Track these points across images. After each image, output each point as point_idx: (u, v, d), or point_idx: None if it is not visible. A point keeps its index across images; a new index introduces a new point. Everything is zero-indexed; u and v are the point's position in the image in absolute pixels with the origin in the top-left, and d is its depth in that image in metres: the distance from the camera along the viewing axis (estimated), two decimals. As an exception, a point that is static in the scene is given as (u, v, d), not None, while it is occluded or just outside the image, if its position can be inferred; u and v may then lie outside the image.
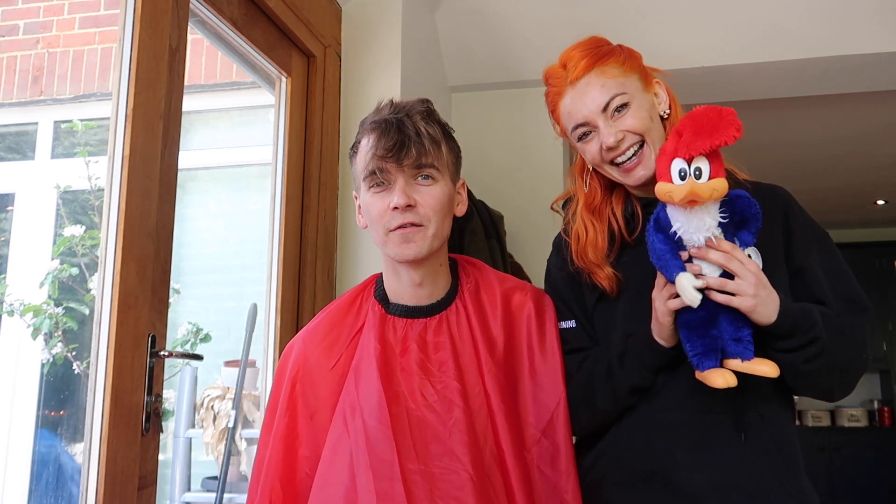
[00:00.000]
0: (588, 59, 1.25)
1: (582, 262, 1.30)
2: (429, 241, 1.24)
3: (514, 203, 2.71)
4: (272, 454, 1.26)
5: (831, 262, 1.28)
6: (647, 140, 1.24)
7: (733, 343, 1.13)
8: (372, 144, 1.24)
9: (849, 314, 1.24)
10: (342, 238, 2.27)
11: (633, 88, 1.25)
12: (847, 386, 1.25)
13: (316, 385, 1.28)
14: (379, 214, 1.25)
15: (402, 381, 1.24)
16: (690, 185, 1.09)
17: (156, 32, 1.51)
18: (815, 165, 4.56)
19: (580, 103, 1.25)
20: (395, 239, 1.24)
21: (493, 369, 1.26)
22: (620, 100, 1.23)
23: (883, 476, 5.42)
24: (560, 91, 1.29)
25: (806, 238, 1.28)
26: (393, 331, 1.29)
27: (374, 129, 1.25)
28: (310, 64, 2.23)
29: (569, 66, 1.27)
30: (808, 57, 2.67)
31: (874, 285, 5.80)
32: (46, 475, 2.55)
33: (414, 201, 1.23)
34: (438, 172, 1.26)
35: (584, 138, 1.27)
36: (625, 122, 1.23)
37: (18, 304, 2.54)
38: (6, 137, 2.93)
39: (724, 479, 1.19)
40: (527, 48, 2.79)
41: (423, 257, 1.25)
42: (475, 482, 1.17)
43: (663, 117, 1.29)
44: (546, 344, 1.32)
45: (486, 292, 1.34)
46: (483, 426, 1.23)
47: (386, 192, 1.24)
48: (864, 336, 1.25)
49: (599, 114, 1.24)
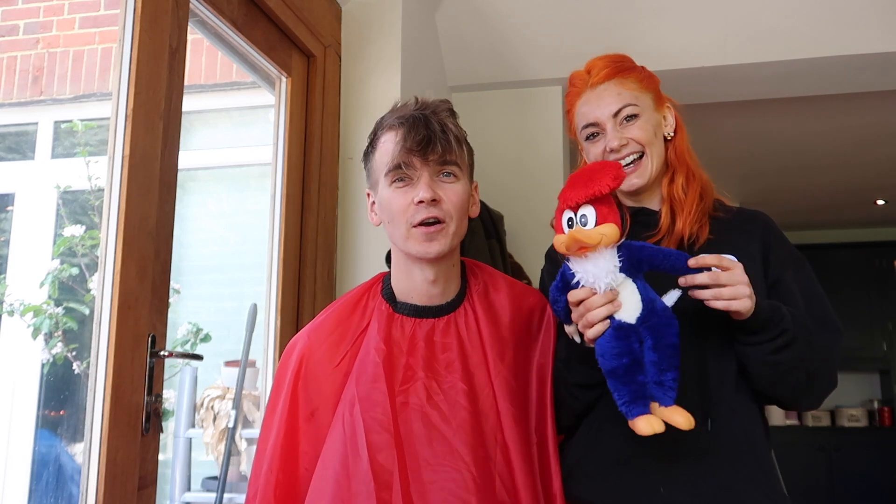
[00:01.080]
0: (610, 69, 1.36)
1: None
2: (450, 239, 1.25)
3: (514, 203, 2.71)
4: (273, 450, 1.26)
5: (807, 284, 1.33)
6: (647, 152, 1.34)
7: (655, 386, 1.13)
8: (400, 139, 1.24)
9: (821, 333, 1.28)
10: (342, 238, 2.27)
11: (645, 104, 1.36)
12: (811, 393, 1.28)
13: (319, 382, 1.28)
14: (401, 209, 1.25)
15: (407, 379, 1.24)
16: (573, 231, 1.13)
17: (156, 32, 1.51)
18: (815, 165, 4.56)
19: (595, 105, 1.36)
20: (418, 236, 1.24)
21: (504, 372, 1.27)
22: (631, 110, 1.34)
23: (883, 476, 5.42)
24: (579, 92, 1.39)
25: (783, 255, 1.34)
26: (400, 330, 1.29)
27: (401, 125, 1.25)
28: (310, 64, 2.23)
29: (592, 72, 1.38)
30: (808, 57, 2.68)
31: (874, 285, 5.80)
32: (46, 475, 2.55)
33: (438, 197, 1.24)
34: (460, 171, 1.27)
35: (592, 139, 1.37)
36: (631, 131, 1.33)
37: (18, 304, 2.54)
38: (6, 137, 2.92)
39: (695, 468, 1.22)
40: (527, 48, 2.79)
41: (442, 256, 1.26)
42: (478, 483, 1.17)
43: (667, 139, 1.39)
44: (545, 346, 1.34)
45: (495, 295, 1.34)
46: (492, 428, 1.23)
47: (409, 187, 1.25)
48: (833, 354, 1.29)
49: (610, 118, 1.34)
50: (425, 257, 1.25)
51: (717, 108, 3.24)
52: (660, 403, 1.13)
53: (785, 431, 5.58)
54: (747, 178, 4.73)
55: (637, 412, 1.13)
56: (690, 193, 1.33)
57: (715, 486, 1.21)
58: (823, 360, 1.27)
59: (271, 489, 1.24)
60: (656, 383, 1.13)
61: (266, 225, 2.09)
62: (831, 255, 5.74)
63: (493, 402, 1.25)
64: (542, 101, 2.89)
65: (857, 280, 5.74)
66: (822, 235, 6.13)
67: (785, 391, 1.26)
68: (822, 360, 1.26)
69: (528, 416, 1.28)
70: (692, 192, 1.33)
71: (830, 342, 1.29)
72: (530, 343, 1.33)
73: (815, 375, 1.26)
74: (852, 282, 5.67)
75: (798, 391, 1.26)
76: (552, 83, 2.86)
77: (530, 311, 1.35)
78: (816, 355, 1.24)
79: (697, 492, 1.21)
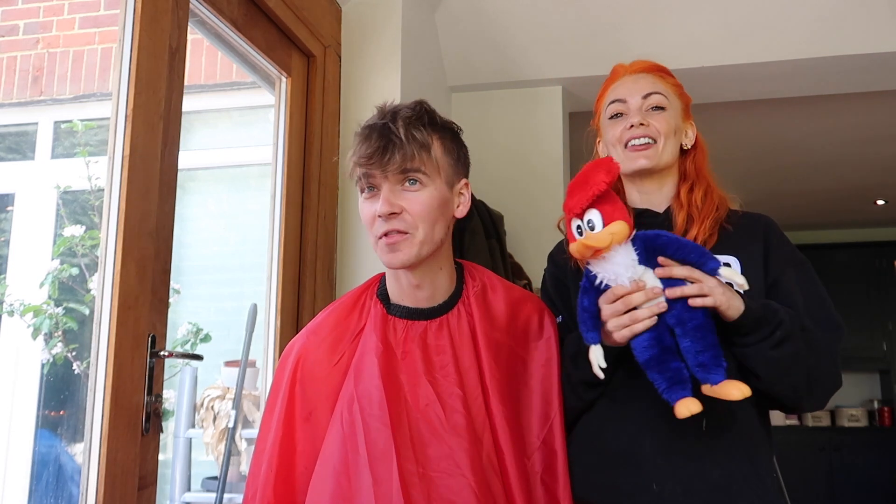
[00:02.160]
0: (653, 66, 1.43)
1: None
2: (416, 248, 1.22)
3: (514, 203, 2.71)
4: (271, 450, 1.26)
5: (807, 284, 1.33)
6: (661, 142, 1.36)
7: (699, 370, 1.15)
8: (354, 150, 1.23)
9: (822, 332, 1.29)
10: (342, 238, 2.27)
11: (674, 105, 1.40)
12: (812, 392, 1.28)
13: (316, 382, 1.28)
14: (369, 221, 1.25)
15: (403, 382, 1.24)
16: (582, 239, 1.16)
17: (156, 32, 1.51)
18: (815, 165, 4.56)
19: (628, 84, 1.41)
20: (382, 247, 1.24)
21: (497, 374, 1.26)
22: (659, 99, 1.38)
23: (883, 476, 5.42)
24: (617, 77, 1.44)
25: (784, 255, 1.35)
26: (394, 332, 1.28)
27: (360, 135, 1.24)
28: (310, 64, 2.23)
29: (635, 64, 1.44)
30: (808, 57, 2.68)
31: (874, 285, 5.80)
32: (46, 475, 2.55)
33: (399, 208, 1.21)
34: (427, 177, 1.23)
35: (615, 118, 1.40)
36: (654, 118, 1.37)
37: (18, 304, 2.54)
38: (6, 137, 2.92)
39: (688, 467, 1.23)
40: (527, 48, 2.79)
41: (412, 264, 1.24)
42: (474, 488, 1.17)
43: (683, 148, 1.41)
44: (548, 354, 1.33)
45: (493, 297, 1.34)
46: (481, 429, 1.23)
47: (374, 197, 1.23)
48: (834, 351, 1.29)
49: (639, 98, 1.38)
50: (391, 266, 1.25)
51: (718, 108, 3.24)
52: (710, 384, 1.13)
53: (785, 431, 5.57)
54: (747, 178, 4.73)
55: (677, 397, 1.14)
56: (708, 204, 1.35)
57: (708, 486, 1.22)
58: (823, 358, 1.27)
59: (270, 488, 1.24)
60: (698, 366, 1.14)
61: (266, 225, 2.09)
62: (831, 255, 5.73)
63: (484, 404, 1.24)
64: (543, 101, 2.89)
65: (857, 280, 5.74)
66: (822, 235, 6.13)
67: (786, 390, 1.26)
68: (821, 358, 1.27)
69: (522, 419, 1.27)
70: (709, 203, 1.36)
71: (831, 340, 1.29)
72: (529, 348, 1.33)
73: (816, 373, 1.26)
74: (852, 282, 5.66)
75: (799, 390, 1.26)
76: (552, 83, 2.87)
77: (528, 317, 1.35)
78: (815, 353, 1.25)
79: (690, 490, 1.22)
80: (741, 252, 1.31)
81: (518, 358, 1.31)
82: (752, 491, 1.23)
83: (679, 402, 1.14)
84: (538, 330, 1.34)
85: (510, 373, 1.28)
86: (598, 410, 1.31)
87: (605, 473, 1.27)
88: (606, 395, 1.30)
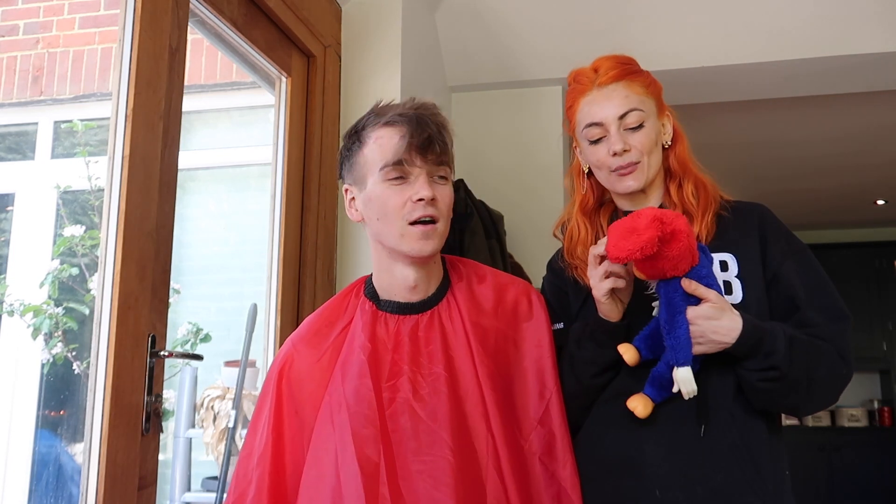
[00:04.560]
0: (619, 71, 1.35)
1: (572, 258, 1.40)
2: (439, 239, 1.27)
3: (514, 203, 2.71)
4: (263, 450, 1.27)
5: (809, 273, 1.32)
6: (645, 161, 1.33)
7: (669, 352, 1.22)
8: (405, 135, 1.24)
9: (828, 324, 1.27)
10: (342, 238, 2.27)
11: (649, 110, 1.35)
12: (815, 403, 1.29)
13: (303, 381, 1.29)
14: (397, 207, 1.25)
15: (392, 375, 1.25)
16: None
17: (156, 32, 1.51)
18: (815, 165, 4.56)
19: (602, 105, 1.34)
20: (415, 234, 1.24)
21: (486, 359, 1.27)
22: (637, 116, 1.32)
23: (883, 476, 5.42)
24: (585, 90, 1.37)
25: (781, 246, 1.33)
26: (385, 327, 1.30)
27: (405, 122, 1.25)
28: (310, 64, 2.23)
29: (600, 71, 1.36)
30: (808, 57, 2.68)
31: (874, 285, 5.80)
32: (46, 475, 2.55)
33: (435, 196, 1.25)
34: (450, 173, 1.29)
35: (595, 142, 1.35)
36: (635, 138, 1.32)
37: (18, 304, 2.54)
38: (6, 137, 2.92)
39: (690, 473, 1.22)
40: (526, 48, 2.79)
41: (429, 255, 1.27)
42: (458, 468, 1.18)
43: (664, 146, 1.38)
44: (538, 335, 1.34)
45: (479, 286, 1.36)
46: (473, 412, 1.24)
47: (405, 185, 1.25)
48: (844, 346, 1.27)
49: (615, 120, 1.32)
50: (419, 255, 1.26)
51: (717, 108, 3.24)
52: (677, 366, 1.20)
53: (785, 431, 5.54)
54: (747, 178, 4.73)
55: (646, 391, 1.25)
56: (703, 200, 1.34)
57: (709, 491, 1.21)
58: (835, 362, 1.25)
59: (265, 485, 1.25)
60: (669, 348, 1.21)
61: (266, 225, 2.09)
62: (831, 255, 5.73)
63: (478, 389, 1.25)
64: (542, 102, 2.89)
65: (857, 280, 5.74)
66: (822, 235, 6.13)
67: (781, 409, 1.29)
68: (831, 366, 1.25)
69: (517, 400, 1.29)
70: (703, 198, 1.34)
71: (838, 333, 1.27)
72: (520, 329, 1.34)
73: (822, 384, 1.25)
74: (852, 282, 5.66)
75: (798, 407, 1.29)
76: (552, 83, 2.86)
77: (516, 299, 1.36)
78: (817, 362, 1.23)
79: (693, 496, 1.21)
80: (738, 249, 1.30)
81: (508, 340, 1.32)
82: (755, 495, 1.22)
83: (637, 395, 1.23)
84: (528, 311, 1.35)
85: (500, 356, 1.30)
86: (598, 417, 1.31)
87: (608, 481, 1.26)
88: (607, 401, 1.30)
